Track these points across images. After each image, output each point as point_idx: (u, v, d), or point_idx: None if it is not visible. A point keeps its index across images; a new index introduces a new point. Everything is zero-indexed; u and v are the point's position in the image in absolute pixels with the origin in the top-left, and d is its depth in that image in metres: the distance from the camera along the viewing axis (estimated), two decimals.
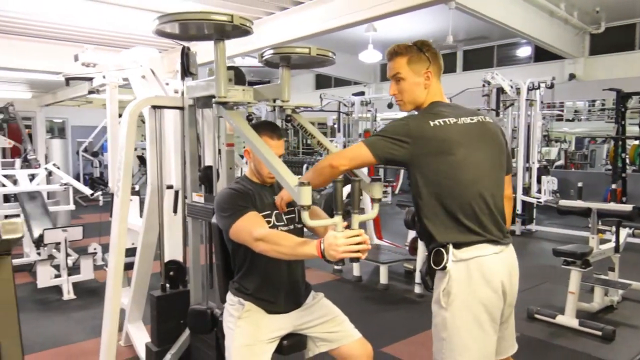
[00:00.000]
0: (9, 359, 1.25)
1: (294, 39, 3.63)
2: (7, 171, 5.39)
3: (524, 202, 6.91)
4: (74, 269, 4.40)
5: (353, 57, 10.29)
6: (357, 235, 1.47)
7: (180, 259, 2.74)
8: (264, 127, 1.95)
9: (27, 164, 5.85)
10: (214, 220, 1.97)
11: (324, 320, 2.00)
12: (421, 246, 4.18)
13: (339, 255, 1.46)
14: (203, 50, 2.49)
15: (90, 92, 3.01)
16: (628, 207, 3.43)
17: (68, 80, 3.00)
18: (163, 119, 2.56)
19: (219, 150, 2.20)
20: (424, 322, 3.40)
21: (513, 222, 7.05)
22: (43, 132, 8.50)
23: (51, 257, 4.47)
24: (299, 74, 15.87)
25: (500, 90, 6.84)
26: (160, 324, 2.61)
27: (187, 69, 2.24)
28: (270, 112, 11.18)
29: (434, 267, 1.64)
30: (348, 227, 1.52)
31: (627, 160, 8.38)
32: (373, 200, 1.83)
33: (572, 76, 9.80)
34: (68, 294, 4.29)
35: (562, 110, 11.83)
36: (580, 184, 5.27)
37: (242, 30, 1.85)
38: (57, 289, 4.33)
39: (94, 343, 3.32)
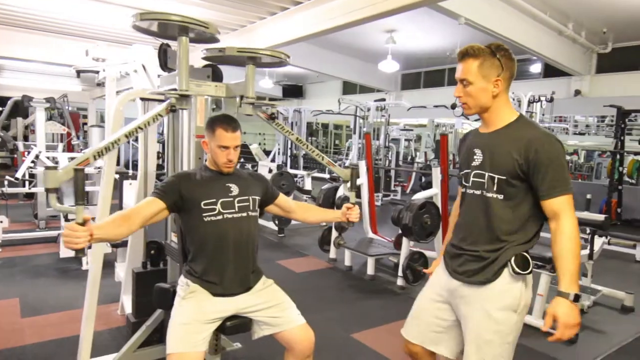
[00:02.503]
0: None
1: (295, 38, 3.48)
2: (50, 153, 5.52)
3: None
4: None
5: (375, 66, 10.13)
6: (76, 231, 1.38)
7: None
8: (219, 120, 1.86)
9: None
10: None
11: (269, 305, 1.90)
12: (405, 242, 4.03)
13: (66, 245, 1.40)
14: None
15: (98, 84, 2.99)
16: (600, 217, 3.17)
17: (79, 72, 2.99)
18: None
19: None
20: (398, 312, 3.29)
21: None
22: (94, 121, 8.72)
23: None
24: (328, 80, 15.79)
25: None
26: (139, 297, 2.58)
27: (164, 64, 2.17)
28: (295, 111, 11.15)
29: (519, 271, 1.47)
30: None
31: (625, 174, 7.91)
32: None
33: (577, 92, 9.32)
34: (86, 264, 4.34)
35: (567, 124, 11.26)
36: (589, 196, 4.96)
37: (199, 30, 1.77)
38: (78, 259, 4.39)
39: (97, 310, 3.34)
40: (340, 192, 4.88)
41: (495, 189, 1.49)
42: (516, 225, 1.49)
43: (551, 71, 9.85)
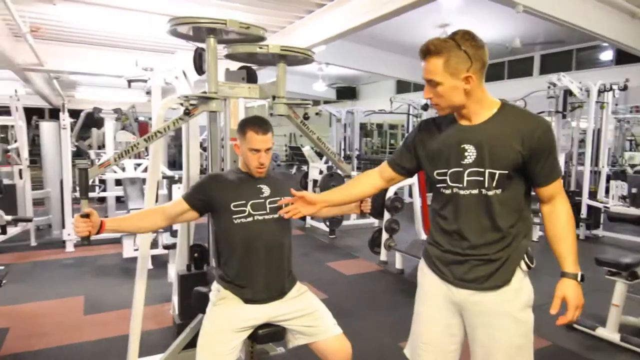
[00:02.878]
0: None
1: (333, 35, 3.35)
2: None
3: (589, 207, 5.99)
4: (152, 244, 4.59)
5: None
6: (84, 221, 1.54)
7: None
8: (250, 122, 1.78)
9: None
10: None
11: (302, 314, 1.79)
12: None
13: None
14: None
15: (147, 93, 3.06)
16: None
17: (130, 82, 3.07)
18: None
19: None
20: None
21: (577, 226, 6.17)
22: None
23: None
24: (382, 80, 15.49)
25: (568, 93, 5.97)
26: (183, 299, 2.57)
27: (200, 68, 2.13)
28: (348, 112, 11.02)
29: (530, 265, 1.39)
30: None
31: None
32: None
33: None
34: (149, 265, 4.49)
35: None
36: (634, 190, 4.39)
37: (231, 32, 1.71)
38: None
39: (150, 309, 3.42)
40: (391, 192, 4.68)
41: (494, 185, 1.35)
42: (515, 217, 1.38)
43: (624, 58, 8.89)
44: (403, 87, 15.18)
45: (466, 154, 1.37)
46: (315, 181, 6.28)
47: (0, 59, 3.77)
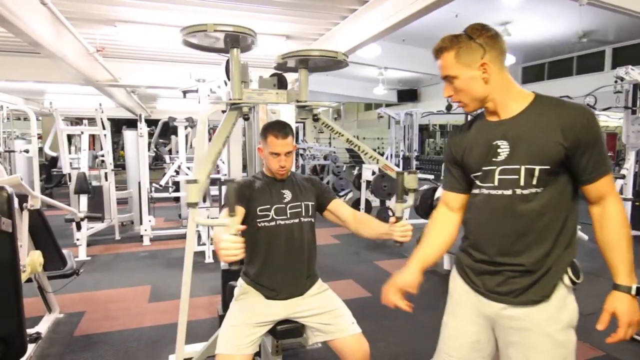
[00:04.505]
0: None
1: (369, 38, 3.26)
2: (190, 163, 6.14)
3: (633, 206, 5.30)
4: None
5: None
6: (237, 242, 1.27)
7: None
8: (271, 127, 1.78)
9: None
10: None
11: (322, 311, 1.75)
12: None
13: (221, 258, 1.27)
14: None
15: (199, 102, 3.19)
16: None
17: (185, 93, 3.23)
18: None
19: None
20: None
21: None
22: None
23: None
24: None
25: (638, 87, 5.31)
26: (224, 293, 2.63)
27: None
28: (407, 114, 10.73)
29: (576, 280, 1.19)
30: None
31: None
32: (409, 190, 1.68)
33: None
34: (208, 258, 4.70)
35: None
36: None
37: (248, 39, 1.71)
38: (202, 254, 4.78)
39: (204, 300, 3.56)
40: (439, 192, 4.46)
41: (535, 182, 1.17)
42: (559, 222, 1.19)
43: None
44: None
45: (499, 150, 1.21)
46: (368, 182, 6.19)
47: (81, 77, 4.15)
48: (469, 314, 1.33)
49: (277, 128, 1.76)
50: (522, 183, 1.18)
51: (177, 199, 7.42)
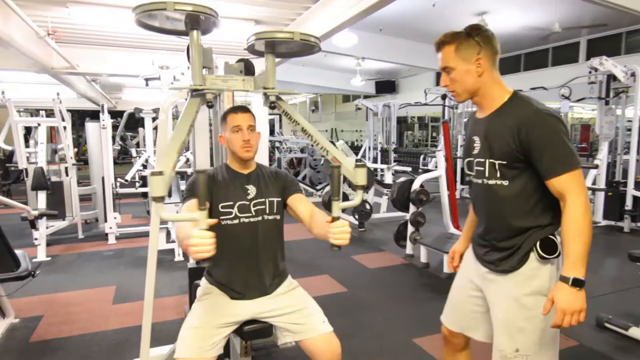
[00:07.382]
0: None
1: (341, 24, 3.19)
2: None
3: (635, 198, 5.45)
4: None
5: None
6: (206, 237, 1.18)
7: None
8: (229, 109, 1.75)
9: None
10: None
11: (290, 311, 1.70)
12: None
13: (191, 255, 1.19)
14: None
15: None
16: None
17: (147, 81, 3.09)
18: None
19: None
20: None
21: (621, 218, 5.64)
22: None
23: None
24: (421, 73, 15.00)
25: (612, 78, 5.45)
26: (192, 292, 2.54)
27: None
28: (384, 106, 10.75)
29: (545, 255, 1.34)
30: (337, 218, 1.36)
31: None
32: (357, 186, 1.50)
33: None
34: (178, 256, 4.58)
35: None
36: None
37: (209, 21, 1.61)
38: (172, 252, 4.64)
39: (173, 300, 3.46)
40: (416, 185, 4.47)
41: (498, 175, 1.39)
42: (528, 208, 1.37)
43: None
44: None
45: (474, 144, 1.47)
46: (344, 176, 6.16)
47: (34, 64, 3.93)
48: (469, 274, 1.60)
49: (233, 108, 1.76)
50: (487, 174, 1.41)
51: (144, 195, 7.22)
